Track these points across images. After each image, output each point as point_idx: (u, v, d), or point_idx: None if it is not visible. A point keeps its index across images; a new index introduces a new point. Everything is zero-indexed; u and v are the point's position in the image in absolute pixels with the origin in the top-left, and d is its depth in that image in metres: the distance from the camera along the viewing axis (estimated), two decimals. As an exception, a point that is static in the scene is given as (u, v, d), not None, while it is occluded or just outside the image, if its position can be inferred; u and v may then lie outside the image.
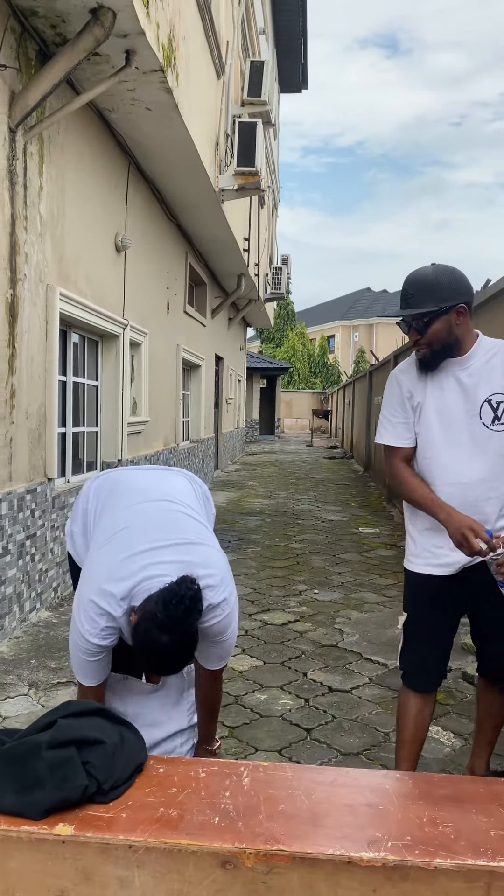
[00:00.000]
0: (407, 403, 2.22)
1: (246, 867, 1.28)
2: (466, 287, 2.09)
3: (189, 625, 1.75)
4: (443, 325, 2.08)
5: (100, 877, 1.31)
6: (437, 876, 1.25)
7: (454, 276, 2.09)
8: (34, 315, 4.38)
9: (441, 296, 2.06)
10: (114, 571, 1.90)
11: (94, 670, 1.98)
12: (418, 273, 2.10)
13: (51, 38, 4.17)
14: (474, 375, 2.13)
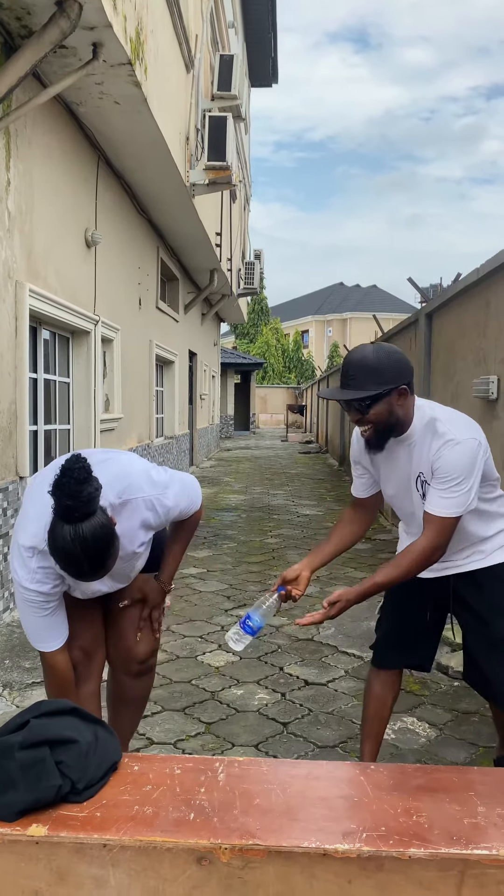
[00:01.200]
0: (356, 466, 2.42)
1: (222, 862, 1.28)
2: (407, 368, 2.11)
3: (86, 500, 1.67)
4: (384, 406, 2.10)
5: (74, 877, 1.30)
6: (412, 865, 1.26)
7: (395, 359, 2.10)
8: (3, 311, 4.32)
9: (382, 379, 2.07)
10: (32, 514, 1.93)
11: (46, 627, 1.99)
12: (360, 355, 2.10)
13: (16, 31, 4.11)
14: (412, 451, 2.18)
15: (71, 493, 1.66)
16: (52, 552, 1.75)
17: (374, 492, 2.40)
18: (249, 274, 16.12)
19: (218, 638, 4.13)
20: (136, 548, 2.10)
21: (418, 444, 2.16)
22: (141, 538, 2.10)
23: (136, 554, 2.13)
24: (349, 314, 46.98)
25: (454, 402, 5.52)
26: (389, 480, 2.29)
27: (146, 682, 2.39)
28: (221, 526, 7.97)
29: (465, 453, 2.05)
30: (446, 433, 2.08)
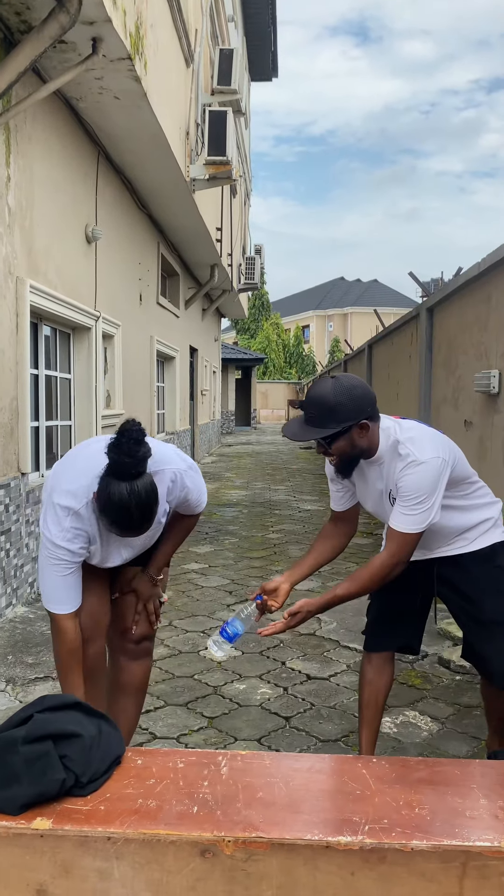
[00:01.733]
0: (335, 482, 2.45)
1: (225, 855, 1.29)
2: (367, 402, 2.12)
3: (141, 459, 1.84)
4: (346, 442, 2.14)
5: (79, 869, 1.31)
6: (414, 857, 1.27)
7: (353, 395, 2.11)
8: (3, 308, 4.32)
9: (340, 417, 2.09)
10: (72, 473, 2.06)
11: (65, 587, 2.06)
12: (318, 393, 2.12)
13: (15, 26, 4.10)
14: (384, 472, 2.22)
15: (129, 451, 1.83)
16: (105, 507, 1.87)
17: (352, 504, 2.44)
18: (250, 269, 16.10)
19: (220, 633, 4.14)
20: (160, 517, 2.17)
21: (387, 464, 2.21)
22: (164, 507, 2.17)
23: (159, 523, 2.21)
24: (350, 309, 46.93)
25: (455, 397, 5.52)
26: (366, 496, 2.35)
27: (143, 668, 2.44)
28: (223, 521, 7.98)
29: (427, 473, 2.09)
30: (409, 455, 2.12)
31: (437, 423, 5.72)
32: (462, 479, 2.25)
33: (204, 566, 5.81)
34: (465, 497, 2.27)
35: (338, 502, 2.46)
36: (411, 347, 7.43)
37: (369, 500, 2.35)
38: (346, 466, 2.24)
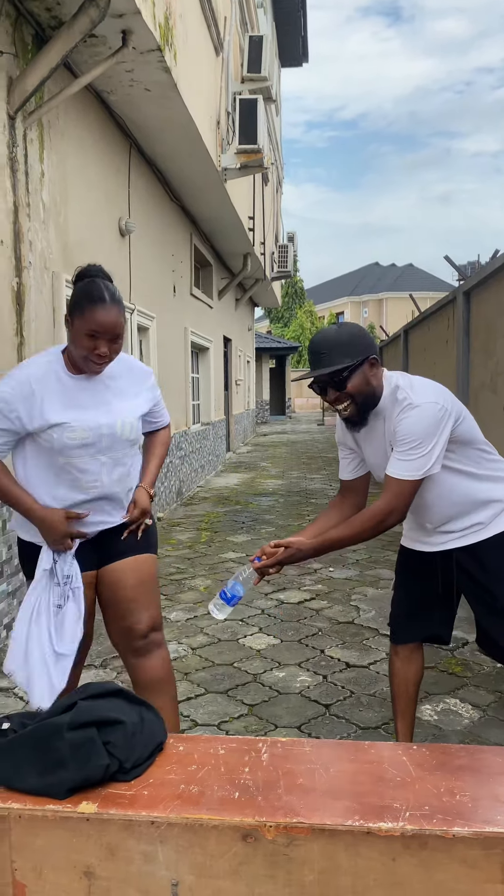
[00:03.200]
0: (341, 448, 2.43)
1: (267, 840, 1.30)
2: (370, 340, 2.15)
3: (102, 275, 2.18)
4: (360, 377, 2.11)
5: (124, 852, 1.34)
6: (455, 844, 1.27)
7: (359, 332, 2.14)
8: (41, 303, 4.38)
9: (352, 350, 2.10)
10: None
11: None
12: (325, 335, 2.14)
13: (46, 22, 4.13)
14: (386, 425, 2.18)
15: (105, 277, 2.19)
16: (77, 294, 2.11)
17: (362, 473, 2.40)
18: (283, 257, 16.04)
19: (259, 621, 4.17)
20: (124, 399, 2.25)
21: (388, 415, 2.16)
22: (140, 407, 2.30)
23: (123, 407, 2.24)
24: (385, 294, 46.46)
25: (494, 382, 5.44)
26: (372, 459, 2.29)
27: (157, 662, 2.33)
28: (259, 511, 8.00)
29: (423, 416, 2.04)
30: (405, 398, 2.09)
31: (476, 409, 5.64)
32: (473, 441, 2.20)
33: (241, 555, 5.84)
34: (478, 465, 2.21)
35: (346, 469, 2.42)
36: (448, 332, 7.34)
37: (376, 462, 2.27)
38: (361, 412, 2.16)
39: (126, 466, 2.28)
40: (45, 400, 2.13)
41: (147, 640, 2.32)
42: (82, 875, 1.35)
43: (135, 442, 2.30)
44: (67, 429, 2.13)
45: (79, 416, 2.15)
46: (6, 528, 3.88)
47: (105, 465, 2.21)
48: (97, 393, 2.21)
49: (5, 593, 3.86)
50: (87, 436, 2.15)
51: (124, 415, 2.23)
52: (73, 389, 2.18)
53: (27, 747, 1.45)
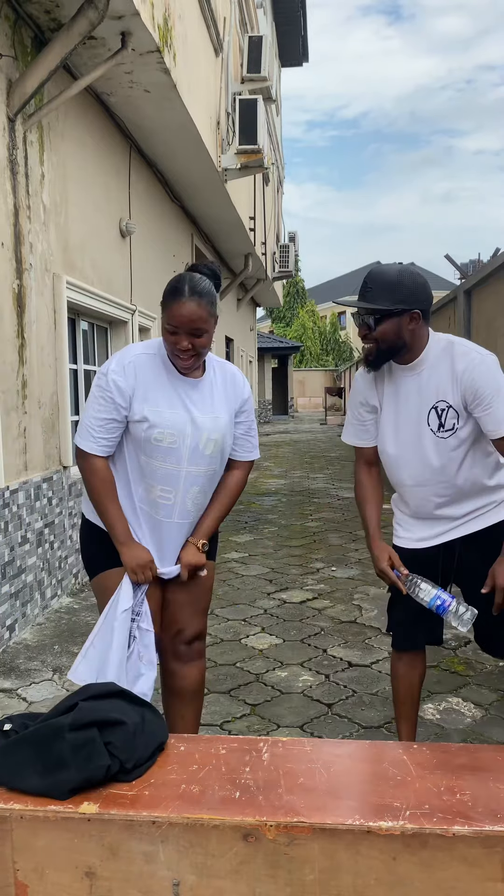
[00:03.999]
0: (361, 408, 2.32)
1: (267, 839, 1.31)
2: (426, 295, 2.09)
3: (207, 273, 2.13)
4: (393, 326, 2.07)
5: (125, 852, 1.34)
6: (456, 843, 1.27)
7: (416, 282, 2.08)
8: (42, 304, 4.39)
9: (398, 297, 2.05)
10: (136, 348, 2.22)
11: (101, 426, 2.10)
12: (382, 269, 2.10)
13: (45, 24, 4.14)
14: (424, 382, 2.15)
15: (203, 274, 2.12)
16: (166, 290, 2.06)
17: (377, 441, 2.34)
18: (284, 257, 16.02)
19: (261, 621, 4.17)
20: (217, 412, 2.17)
21: (433, 370, 2.12)
22: (221, 408, 2.19)
23: (216, 418, 2.16)
24: (386, 294, 46.27)
25: (495, 380, 5.44)
26: (396, 420, 2.21)
27: (196, 671, 2.34)
28: (262, 510, 8.00)
29: (495, 368, 2.08)
30: (470, 351, 2.10)
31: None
32: None
33: (244, 555, 5.85)
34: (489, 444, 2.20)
35: (360, 435, 2.33)
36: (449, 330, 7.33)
37: (395, 426, 2.21)
38: (379, 357, 2.14)
39: (205, 490, 2.21)
40: (143, 391, 2.10)
41: (191, 647, 2.31)
42: (84, 875, 1.35)
43: (219, 462, 2.21)
44: (154, 426, 2.09)
45: (170, 417, 2.10)
46: (8, 529, 3.89)
47: (183, 480, 2.15)
48: (196, 398, 2.15)
49: (8, 595, 3.87)
50: (172, 440, 2.11)
51: (211, 429, 2.15)
52: (175, 389, 2.13)
53: (29, 748, 1.46)
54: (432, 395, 2.13)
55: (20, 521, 4.06)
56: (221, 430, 2.17)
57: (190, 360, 2.07)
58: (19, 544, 4.04)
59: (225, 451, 2.23)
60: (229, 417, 2.21)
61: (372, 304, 2.06)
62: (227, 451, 2.24)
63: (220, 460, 2.23)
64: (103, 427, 2.12)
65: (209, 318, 2.05)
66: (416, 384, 2.15)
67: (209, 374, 2.20)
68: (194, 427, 2.12)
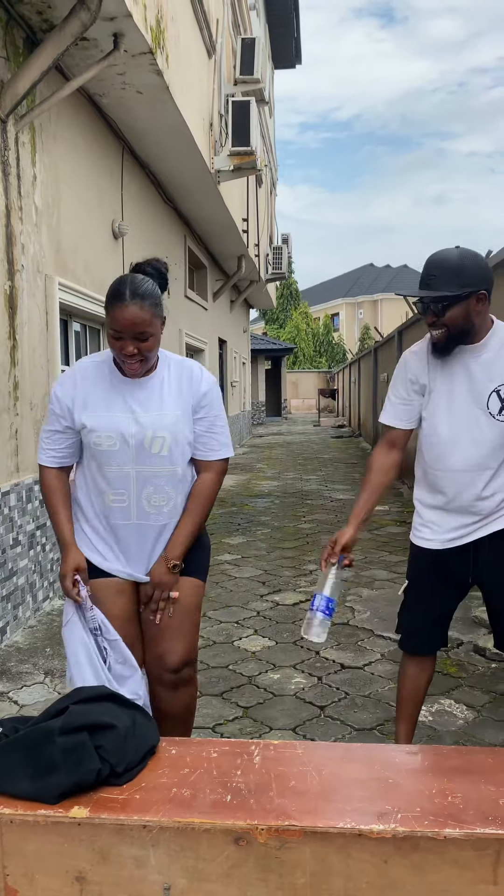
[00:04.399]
0: (410, 386, 2.25)
1: (259, 843, 1.30)
2: (489, 274, 2.08)
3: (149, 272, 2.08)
4: (462, 310, 2.06)
5: (116, 857, 1.33)
6: (447, 846, 1.27)
7: (478, 262, 2.07)
8: (34, 306, 4.38)
9: (464, 281, 2.03)
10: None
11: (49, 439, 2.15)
12: (442, 255, 2.07)
13: (37, 25, 4.13)
14: (486, 364, 2.13)
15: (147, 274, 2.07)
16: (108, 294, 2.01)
17: (413, 426, 2.28)
18: (277, 259, 16.05)
19: (254, 623, 4.16)
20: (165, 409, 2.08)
21: (497, 354, 2.11)
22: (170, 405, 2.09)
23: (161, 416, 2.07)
24: (380, 295, 46.45)
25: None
26: (449, 402, 2.17)
27: (183, 697, 2.19)
28: (255, 512, 8.00)
29: None
30: None
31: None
32: None
33: (237, 557, 5.84)
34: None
35: (401, 416, 2.26)
36: (442, 333, 7.34)
37: (448, 408, 2.17)
38: (450, 342, 2.11)
39: (162, 490, 2.10)
40: (83, 399, 2.09)
41: (178, 675, 2.15)
42: (74, 880, 1.34)
43: (172, 461, 2.10)
44: (93, 432, 2.06)
45: (107, 420, 2.06)
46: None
47: (133, 480, 2.08)
48: (142, 397, 2.09)
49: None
50: (112, 442, 2.06)
51: (157, 427, 2.06)
52: (118, 391, 2.09)
53: (19, 752, 1.45)
54: (497, 377, 2.12)
55: (12, 524, 4.04)
56: (168, 427, 2.07)
57: (137, 364, 2.03)
58: (11, 546, 4.02)
59: (179, 448, 2.11)
60: (181, 414, 2.10)
61: (438, 291, 2.04)
62: (184, 450, 2.12)
63: (177, 459, 2.11)
64: (50, 438, 2.16)
65: (153, 319, 1.99)
66: (477, 366, 2.13)
67: (160, 371, 2.13)
68: (138, 426, 2.06)
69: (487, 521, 2.22)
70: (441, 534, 2.26)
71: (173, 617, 2.14)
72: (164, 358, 2.17)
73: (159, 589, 2.12)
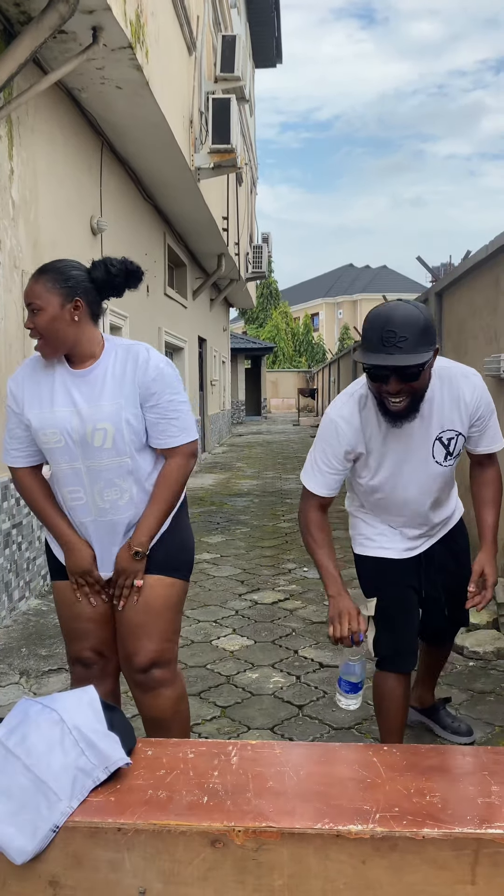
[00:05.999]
0: (345, 456, 2.14)
1: (236, 845, 1.29)
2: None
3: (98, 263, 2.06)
4: (428, 370, 1.96)
5: (90, 861, 1.31)
6: (425, 845, 1.26)
7: (431, 317, 1.96)
8: (10, 302, 4.32)
9: (433, 339, 1.89)
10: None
11: (10, 437, 2.10)
12: (405, 313, 1.87)
13: (15, 17, 4.07)
14: (426, 414, 2.07)
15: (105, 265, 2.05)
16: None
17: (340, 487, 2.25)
18: (257, 258, 16.02)
19: (233, 622, 4.15)
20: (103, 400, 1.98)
21: (434, 401, 2.05)
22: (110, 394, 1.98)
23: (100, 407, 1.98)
24: (359, 296, 46.66)
25: (465, 382, 5.48)
26: (396, 460, 2.12)
27: (161, 701, 2.09)
28: (234, 511, 7.98)
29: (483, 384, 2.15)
30: (466, 370, 2.11)
31: (448, 409, 5.69)
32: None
33: (216, 556, 5.82)
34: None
35: (332, 484, 2.17)
36: (420, 333, 7.38)
37: (395, 465, 2.11)
38: (415, 405, 1.98)
39: (112, 483, 2.01)
40: (29, 393, 2.03)
41: (147, 675, 2.06)
42: (47, 885, 1.32)
43: (119, 454, 2.00)
44: (39, 430, 2.01)
45: (49, 415, 1.98)
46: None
47: (85, 476, 2.01)
48: (85, 389, 1.99)
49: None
50: (58, 439, 1.99)
51: (97, 419, 1.97)
52: (64, 385, 2.00)
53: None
54: (435, 426, 2.08)
55: (-13, 522, 3.98)
56: (108, 418, 1.97)
57: (39, 343, 1.98)
58: (-14, 545, 3.96)
59: (124, 439, 1.99)
60: (123, 402, 1.99)
61: (415, 353, 1.85)
62: (131, 440, 2.00)
63: (124, 450, 2.00)
64: (11, 437, 2.11)
65: (43, 293, 1.94)
66: (417, 419, 2.04)
67: (104, 360, 2.02)
68: (80, 420, 1.98)
69: (437, 530, 2.35)
70: (399, 546, 2.29)
71: (142, 615, 2.05)
72: (112, 345, 2.06)
73: (123, 576, 2.05)
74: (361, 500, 2.33)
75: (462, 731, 2.70)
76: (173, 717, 2.13)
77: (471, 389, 2.07)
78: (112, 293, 2.05)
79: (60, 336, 1.96)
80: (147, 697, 2.09)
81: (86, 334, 2.00)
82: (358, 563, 2.35)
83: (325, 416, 2.18)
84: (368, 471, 2.17)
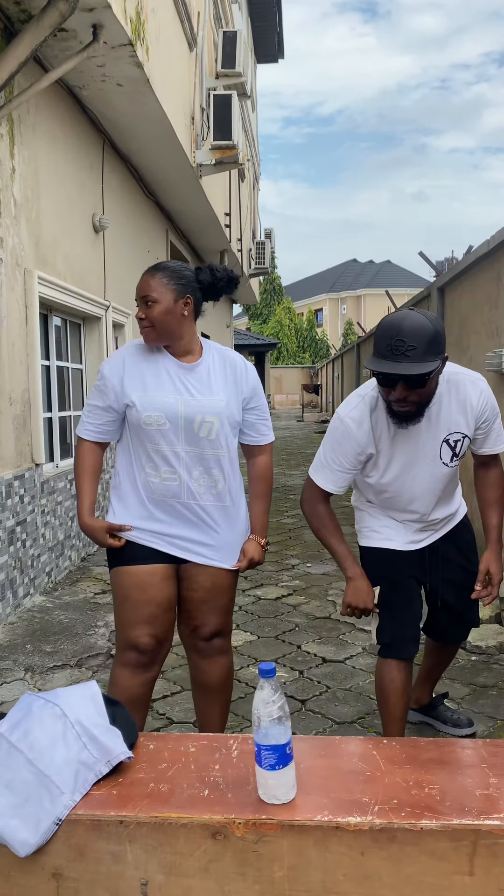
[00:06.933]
0: (356, 458, 2.22)
1: (236, 837, 1.30)
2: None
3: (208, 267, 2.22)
4: (436, 377, 2.02)
5: (93, 853, 1.33)
6: (424, 837, 1.27)
7: (441, 324, 2.01)
8: (12, 300, 4.34)
9: (440, 348, 1.95)
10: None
11: (91, 414, 2.24)
12: (414, 322, 1.93)
13: (15, 15, 4.08)
14: (432, 418, 2.16)
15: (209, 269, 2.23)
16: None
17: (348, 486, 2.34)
18: (260, 254, 16.01)
19: (236, 618, 4.16)
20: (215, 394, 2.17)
21: (442, 404, 2.13)
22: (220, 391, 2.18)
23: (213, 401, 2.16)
24: (363, 291, 46.58)
25: (468, 377, 5.49)
26: (405, 461, 2.19)
27: (217, 667, 2.33)
28: (238, 507, 7.99)
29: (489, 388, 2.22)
30: (474, 376, 2.17)
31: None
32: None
33: (219, 552, 5.83)
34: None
35: (340, 482, 2.26)
36: (423, 328, 7.37)
37: (408, 462, 2.18)
38: (421, 410, 2.07)
39: (210, 470, 2.19)
40: (132, 376, 2.15)
41: (210, 643, 2.30)
42: (51, 877, 1.34)
43: (219, 446, 2.19)
44: (142, 410, 2.12)
45: (156, 399, 2.13)
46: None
47: (184, 461, 2.15)
48: (192, 380, 2.17)
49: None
50: (162, 422, 2.13)
51: (206, 411, 2.15)
52: (169, 373, 2.16)
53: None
54: (443, 429, 2.16)
55: (-9, 520, 4.00)
56: (218, 412, 2.17)
57: (146, 329, 2.14)
58: (-9, 543, 3.99)
59: (225, 434, 2.20)
60: (230, 401, 2.20)
61: (423, 362, 1.91)
62: (230, 436, 2.23)
63: (222, 445, 2.20)
64: (91, 412, 2.24)
65: (159, 287, 2.11)
66: (426, 422, 2.13)
67: (206, 358, 2.22)
68: (188, 409, 2.14)
69: (440, 526, 2.40)
70: (403, 538, 2.36)
71: (212, 593, 2.26)
72: (209, 347, 2.26)
73: (251, 566, 2.32)
74: (368, 496, 2.41)
75: (462, 723, 2.72)
76: (224, 685, 2.37)
77: (477, 394, 2.15)
78: (212, 296, 2.25)
79: (170, 328, 2.14)
80: (206, 663, 2.32)
81: (190, 330, 2.19)
82: (363, 555, 2.42)
83: (336, 416, 2.25)
84: (377, 470, 2.25)
